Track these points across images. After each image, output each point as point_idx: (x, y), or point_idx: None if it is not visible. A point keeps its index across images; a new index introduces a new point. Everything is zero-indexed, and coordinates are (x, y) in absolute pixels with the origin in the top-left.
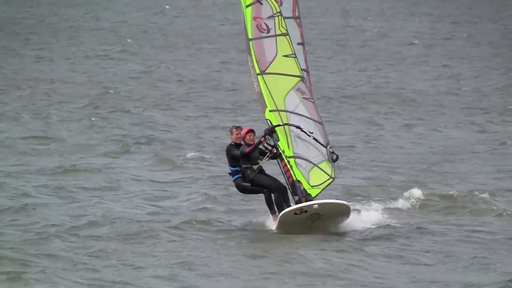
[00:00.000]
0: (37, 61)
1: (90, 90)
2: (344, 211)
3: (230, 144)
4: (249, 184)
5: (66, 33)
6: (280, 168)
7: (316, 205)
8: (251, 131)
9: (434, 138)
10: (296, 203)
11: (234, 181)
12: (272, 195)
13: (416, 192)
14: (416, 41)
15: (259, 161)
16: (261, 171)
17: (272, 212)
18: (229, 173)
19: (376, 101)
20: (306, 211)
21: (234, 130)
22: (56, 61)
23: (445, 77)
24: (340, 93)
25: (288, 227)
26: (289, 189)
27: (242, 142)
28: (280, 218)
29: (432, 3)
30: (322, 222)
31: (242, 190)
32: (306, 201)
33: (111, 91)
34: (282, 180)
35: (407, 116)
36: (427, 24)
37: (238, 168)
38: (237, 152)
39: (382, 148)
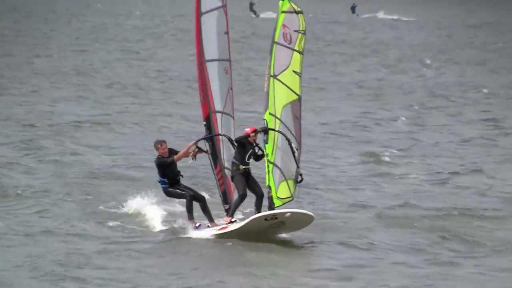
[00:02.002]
0: None
1: None
2: (308, 221)
3: (158, 157)
4: (177, 190)
5: None
6: (214, 174)
7: (289, 214)
8: (255, 130)
9: None
10: (226, 211)
11: (162, 188)
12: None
13: None
14: None
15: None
16: (246, 173)
17: (190, 218)
18: (158, 181)
19: None
20: (276, 218)
21: (160, 145)
22: None
23: None
24: None
25: (248, 232)
26: (220, 196)
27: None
28: (249, 222)
29: None
30: (280, 230)
31: (169, 195)
32: (270, 209)
33: None
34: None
35: None
36: None
37: (166, 179)
38: (168, 160)
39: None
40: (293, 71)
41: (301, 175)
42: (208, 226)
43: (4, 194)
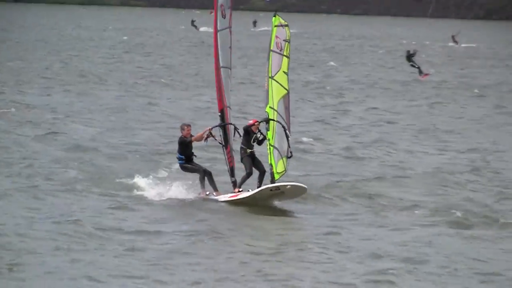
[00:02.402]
0: None
1: None
2: (302, 192)
3: (181, 137)
4: (189, 165)
5: None
6: (224, 154)
7: (289, 186)
8: (257, 121)
9: None
10: (233, 183)
11: (179, 164)
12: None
13: None
14: None
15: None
16: (252, 155)
17: (202, 187)
18: (177, 157)
19: None
20: (279, 189)
21: (185, 127)
22: None
23: None
24: None
25: (255, 199)
26: (228, 171)
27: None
28: (259, 191)
29: None
30: (279, 198)
31: (185, 169)
32: (272, 182)
33: None
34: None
35: None
36: None
37: (183, 156)
38: (187, 139)
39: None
40: (283, 71)
41: (291, 152)
42: (213, 194)
43: None
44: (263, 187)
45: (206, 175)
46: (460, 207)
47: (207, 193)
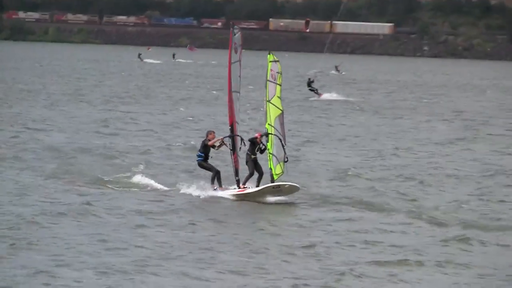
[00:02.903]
0: None
1: None
2: (296, 190)
3: (205, 140)
4: (205, 163)
5: None
6: (231, 158)
7: (287, 185)
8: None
9: None
10: (237, 181)
11: (197, 161)
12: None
13: None
14: None
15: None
16: (255, 160)
17: (212, 183)
18: (197, 155)
19: None
20: (279, 187)
21: (209, 133)
22: None
23: None
24: None
25: (259, 197)
26: (234, 172)
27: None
28: (263, 188)
29: None
30: (278, 194)
31: (201, 167)
32: (272, 182)
33: None
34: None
35: None
36: None
37: (202, 155)
38: (207, 142)
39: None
40: (277, 96)
41: (287, 157)
42: (216, 189)
43: None
44: (266, 185)
45: (216, 174)
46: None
47: (215, 188)
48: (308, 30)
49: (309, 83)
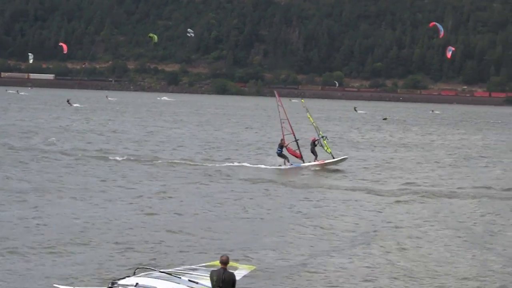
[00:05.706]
0: None
1: None
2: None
3: (281, 143)
4: (281, 154)
5: None
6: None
7: (347, 158)
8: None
9: None
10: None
11: (277, 152)
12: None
13: None
14: None
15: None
16: (312, 150)
17: (288, 162)
18: (277, 150)
19: None
20: (344, 160)
21: (281, 140)
22: None
23: None
24: None
25: (331, 164)
26: (300, 158)
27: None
28: (338, 160)
29: None
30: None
31: (279, 155)
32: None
33: None
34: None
35: None
36: None
37: (281, 150)
38: (282, 143)
39: None
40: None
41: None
42: (291, 165)
43: None
44: (342, 156)
45: (285, 159)
46: None
47: (291, 163)
48: None
49: None
